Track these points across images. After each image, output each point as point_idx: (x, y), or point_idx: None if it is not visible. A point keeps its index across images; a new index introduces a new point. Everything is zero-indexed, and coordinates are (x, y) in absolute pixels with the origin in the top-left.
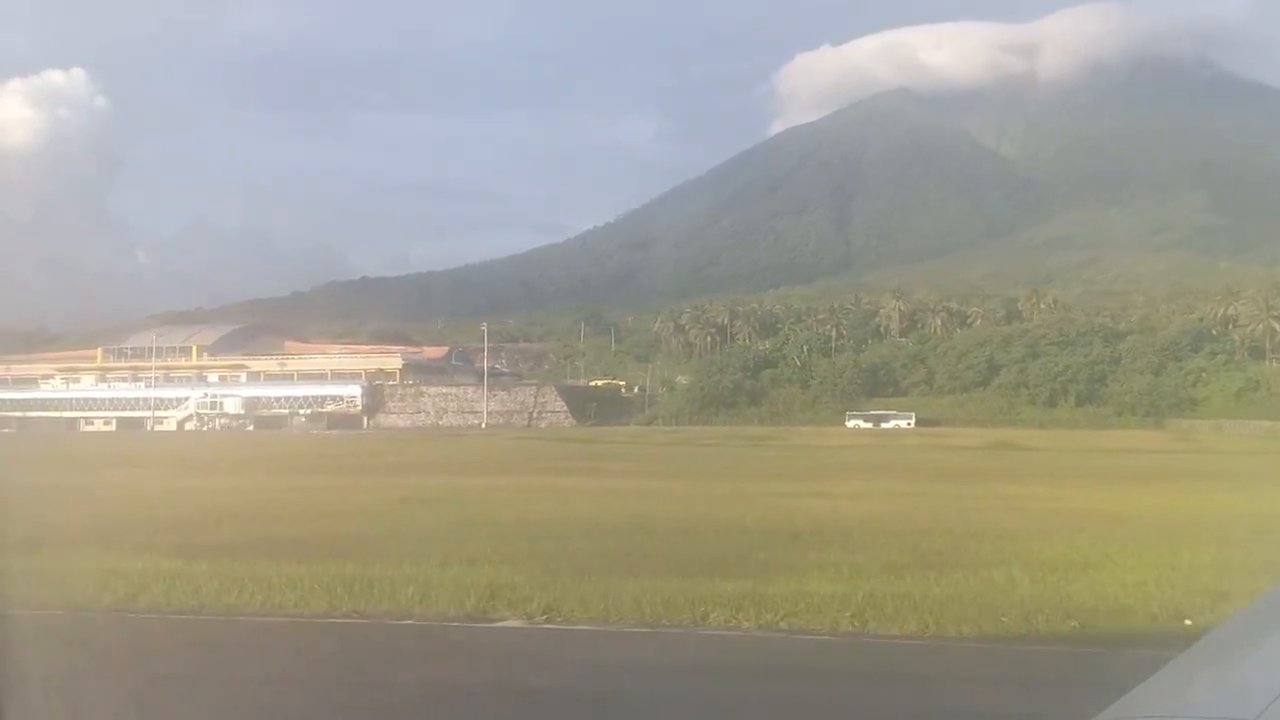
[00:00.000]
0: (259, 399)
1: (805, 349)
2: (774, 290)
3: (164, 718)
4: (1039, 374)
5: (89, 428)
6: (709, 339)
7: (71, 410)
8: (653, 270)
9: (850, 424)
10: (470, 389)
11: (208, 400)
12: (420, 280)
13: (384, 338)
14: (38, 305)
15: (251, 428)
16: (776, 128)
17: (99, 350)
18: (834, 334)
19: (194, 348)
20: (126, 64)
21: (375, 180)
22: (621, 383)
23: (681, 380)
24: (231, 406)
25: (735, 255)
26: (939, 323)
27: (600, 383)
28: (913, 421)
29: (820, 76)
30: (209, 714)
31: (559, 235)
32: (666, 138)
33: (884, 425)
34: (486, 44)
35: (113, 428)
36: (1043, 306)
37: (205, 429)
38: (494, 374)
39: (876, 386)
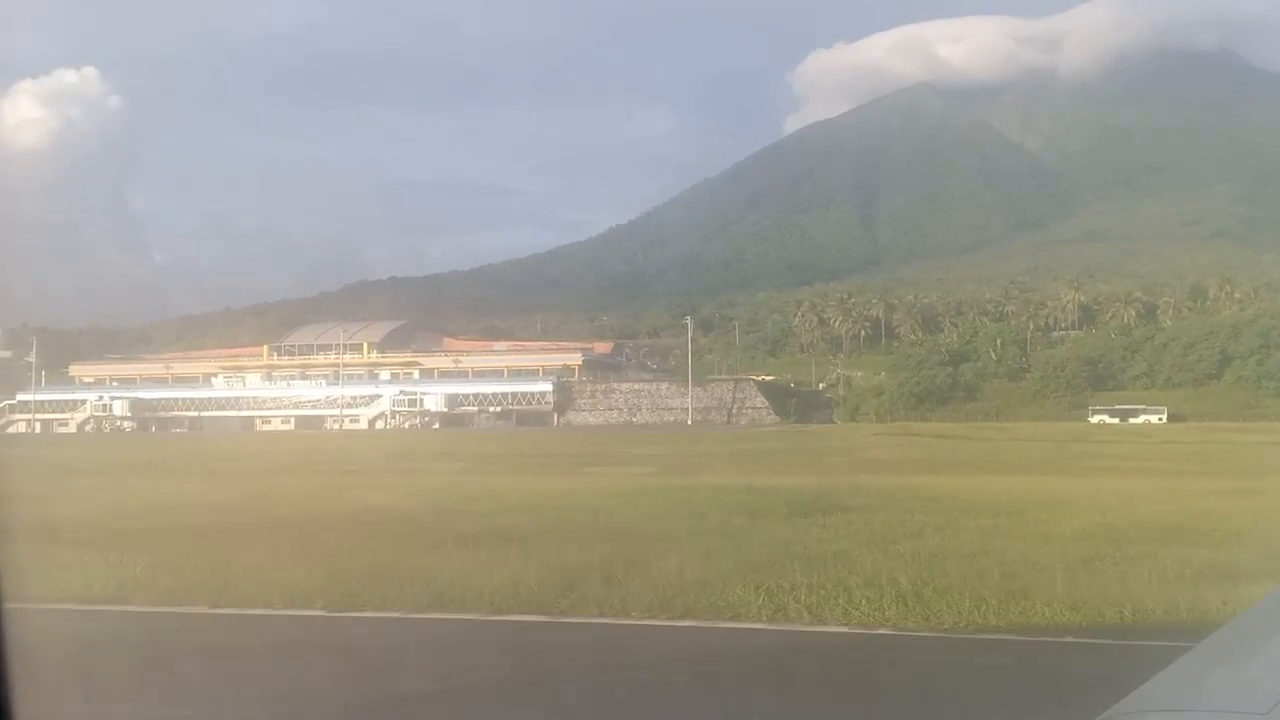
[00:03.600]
0: (456, 396)
1: (999, 342)
2: (807, 287)
3: None
4: None
5: (266, 427)
6: (863, 332)
7: (247, 409)
8: (679, 267)
9: (1094, 419)
10: (663, 385)
11: (404, 397)
12: (447, 279)
13: (491, 334)
14: (49, 307)
15: (437, 426)
16: (794, 125)
17: (265, 348)
18: (1030, 326)
19: (364, 345)
20: (139, 62)
21: (390, 177)
22: (773, 377)
23: (842, 373)
24: (431, 404)
25: (762, 251)
26: (1132, 314)
27: (769, 378)
28: (1164, 416)
29: (838, 73)
30: None
31: (575, 231)
32: (682, 135)
33: (1131, 420)
34: (501, 39)
35: (291, 427)
36: (1237, 295)
37: (395, 426)
38: (645, 370)
39: (1096, 380)
